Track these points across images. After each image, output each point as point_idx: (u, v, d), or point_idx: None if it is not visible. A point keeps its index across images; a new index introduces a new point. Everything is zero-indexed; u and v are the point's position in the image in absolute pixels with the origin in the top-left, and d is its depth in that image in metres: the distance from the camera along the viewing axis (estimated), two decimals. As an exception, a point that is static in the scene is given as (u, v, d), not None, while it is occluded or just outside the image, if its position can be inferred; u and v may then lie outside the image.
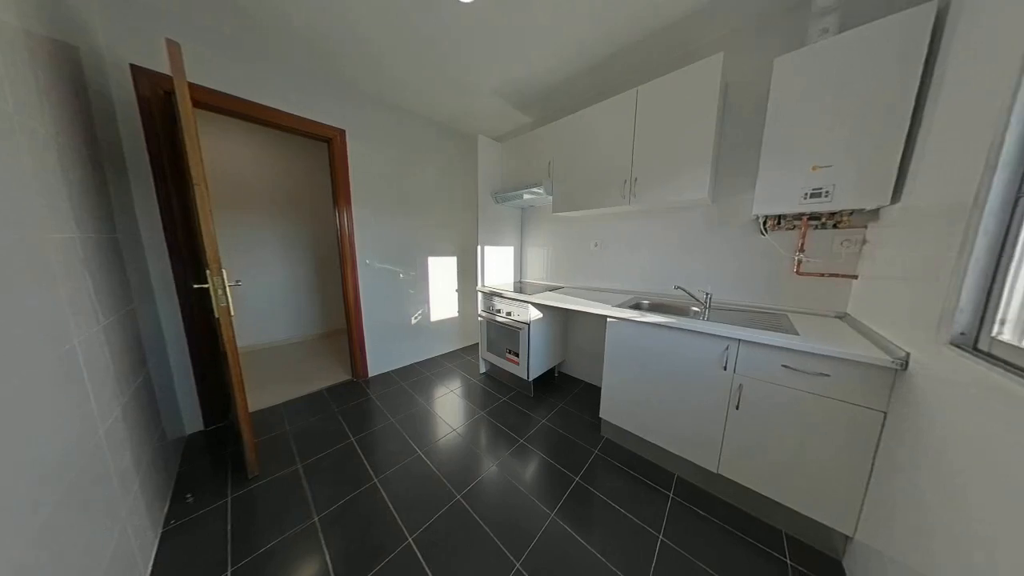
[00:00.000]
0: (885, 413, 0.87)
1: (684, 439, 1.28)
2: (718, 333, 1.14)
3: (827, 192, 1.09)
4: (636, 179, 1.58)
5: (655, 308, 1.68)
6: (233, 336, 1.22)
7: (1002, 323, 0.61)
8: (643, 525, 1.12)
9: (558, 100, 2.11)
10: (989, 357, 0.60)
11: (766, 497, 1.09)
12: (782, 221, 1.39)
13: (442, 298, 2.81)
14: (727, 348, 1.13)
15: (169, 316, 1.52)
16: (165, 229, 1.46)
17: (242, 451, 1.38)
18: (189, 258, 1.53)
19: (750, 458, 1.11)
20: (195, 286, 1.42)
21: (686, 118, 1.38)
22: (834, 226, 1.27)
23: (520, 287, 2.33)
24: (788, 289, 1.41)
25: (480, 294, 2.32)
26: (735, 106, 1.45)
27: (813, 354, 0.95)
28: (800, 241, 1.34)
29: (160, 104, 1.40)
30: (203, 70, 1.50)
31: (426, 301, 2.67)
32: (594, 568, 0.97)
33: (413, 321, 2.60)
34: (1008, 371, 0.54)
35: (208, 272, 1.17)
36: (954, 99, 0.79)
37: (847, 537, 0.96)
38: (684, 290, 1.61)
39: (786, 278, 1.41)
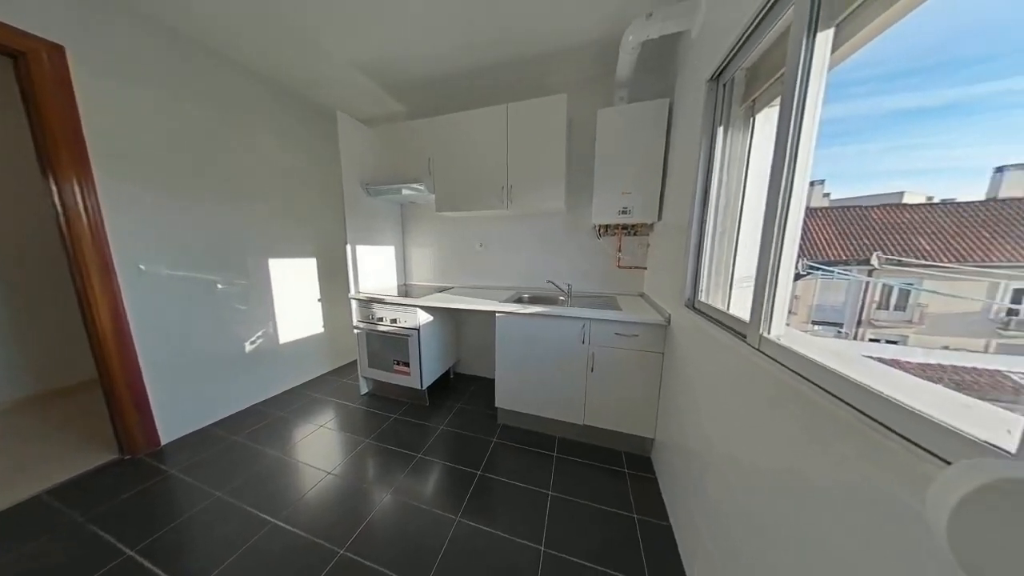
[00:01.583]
0: (663, 353, 1.37)
1: (559, 404, 1.57)
2: (578, 316, 1.45)
3: (630, 210, 1.60)
4: (512, 186, 1.77)
5: (533, 300, 1.95)
6: None
7: (701, 291, 1.10)
8: (537, 489, 1.29)
9: (435, 96, 2.05)
10: (697, 311, 1.06)
11: (612, 430, 1.50)
12: (608, 229, 1.92)
13: (297, 311, 2.20)
14: (583, 326, 1.46)
15: None
16: None
17: None
18: None
19: (602, 405, 1.49)
20: None
21: (545, 139, 1.67)
22: (635, 234, 1.88)
23: (405, 290, 2.15)
24: (614, 278, 1.97)
25: (355, 302, 1.97)
26: (578, 138, 1.88)
27: (630, 322, 1.38)
28: (619, 244, 1.91)
29: None
30: None
31: (270, 318, 2.02)
32: (501, 548, 1.04)
33: (249, 347, 1.91)
34: (702, 316, 0.98)
35: None
36: (678, 161, 1.33)
37: (651, 439, 1.46)
38: (553, 283, 1.95)
39: (613, 271, 1.96)
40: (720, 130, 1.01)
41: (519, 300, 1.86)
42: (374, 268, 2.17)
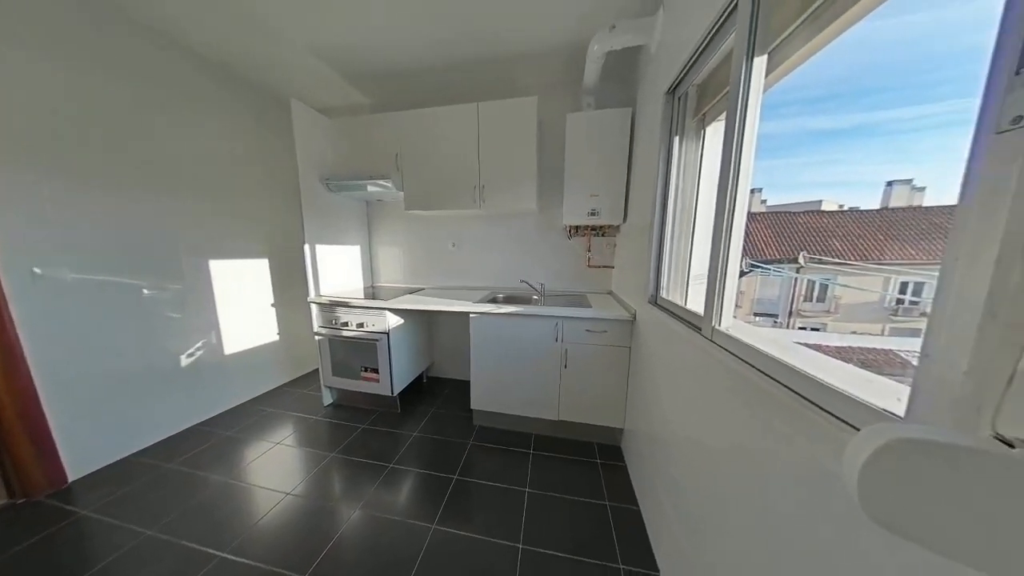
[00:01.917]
0: (630, 347, 1.45)
1: (535, 401, 1.59)
2: (551, 314, 1.49)
3: (598, 212, 1.67)
4: (484, 186, 1.76)
5: (508, 300, 1.96)
6: None
7: (663, 288, 1.18)
8: (514, 488, 1.30)
9: (401, 89, 1.97)
10: (660, 307, 1.14)
11: (585, 423, 1.56)
12: (578, 230, 1.99)
13: (246, 318, 1.98)
14: (557, 324, 1.50)
15: None
16: None
17: None
18: None
19: (575, 399, 1.54)
20: None
21: (517, 140, 1.68)
22: (602, 235, 1.97)
23: (373, 292, 2.04)
24: (585, 277, 2.05)
25: (315, 306, 1.83)
26: (549, 140, 1.92)
27: (599, 319, 1.44)
28: (588, 244, 1.99)
29: None
30: None
31: (212, 326, 1.80)
32: (479, 550, 1.03)
33: (186, 360, 1.68)
34: (664, 311, 1.05)
35: None
36: (640, 166, 1.42)
37: (621, 429, 1.55)
38: (527, 283, 1.98)
39: (583, 269, 2.04)
40: (676, 140, 1.09)
41: (493, 300, 1.86)
42: (337, 269, 2.03)
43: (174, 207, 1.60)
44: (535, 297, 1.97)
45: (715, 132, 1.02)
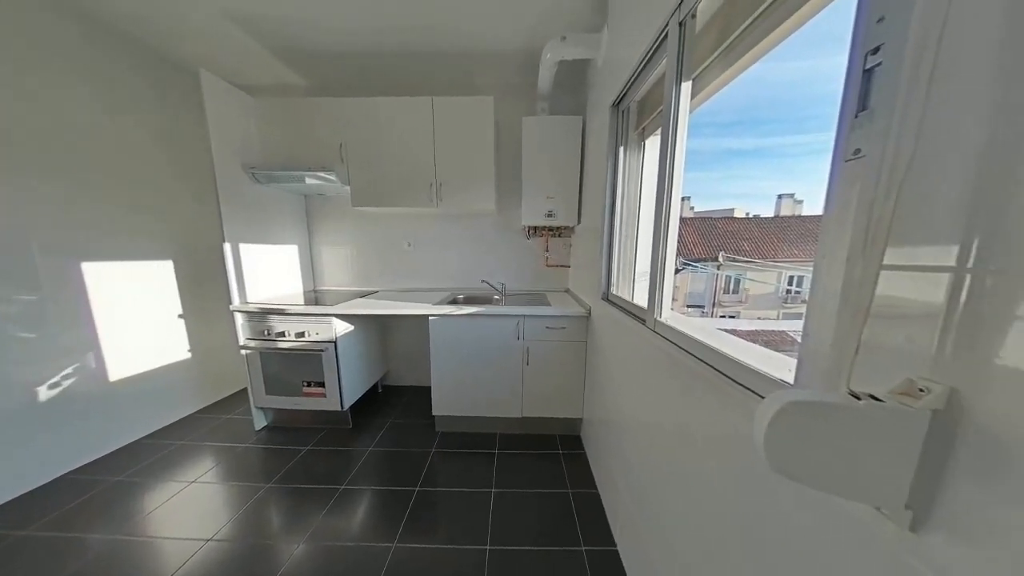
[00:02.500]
0: (586, 341, 1.55)
1: (498, 401, 1.60)
2: (512, 313, 1.51)
3: (554, 213, 1.74)
4: (441, 184, 1.70)
5: (469, 300, 1.93)
6: None
7: (613, 285, 1.28)
8: (479, 491, 1.28)
9: (345, 73, 1.80)
10: (611, 303, 1.24)
11: (547, 417, 1.62)
12: (536, 230, 2.05)
13: (143, 334, 1.62)
14: (518, 323, 1.52)
15: None
16: None
17: None
18: None
19: (538, 395, 1.59)
20: None
21: (474, 139, 1.66)
22: (559, 235, 2.06)
23: (316, 297, 1.83)
24: (543, 276, 2.12)
25: (240, 315, 1.57)
26: (506, 142, 1.93)
27: (557, 316, 1.51)
28: (546, 244, 2.06)
29: None
30: None
31: (90, 346, 1.43)
32: (444, 560, 1.00)
33: (47, 393, 1.31)
34: (615, 307, 1.15)
35: None
36: (591, 172, 1.52)
37: (580, 419, 1.64)
38: (487, 283, 1.97)
39: (542, 269, 2.11)
40: (621, 150, 1.19)
41: (454, 302, 1.81)
42: (269, 272, 1.77)
43: (28, 194, 1.23)
44: (496, 297, 1.97)
45: (653, 145, 1.14)
